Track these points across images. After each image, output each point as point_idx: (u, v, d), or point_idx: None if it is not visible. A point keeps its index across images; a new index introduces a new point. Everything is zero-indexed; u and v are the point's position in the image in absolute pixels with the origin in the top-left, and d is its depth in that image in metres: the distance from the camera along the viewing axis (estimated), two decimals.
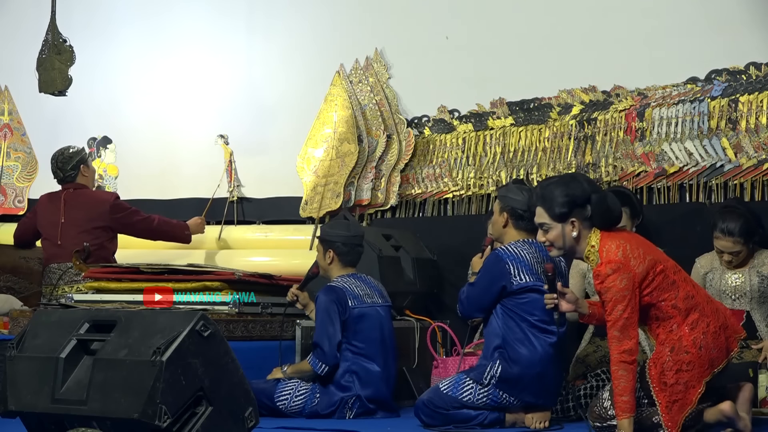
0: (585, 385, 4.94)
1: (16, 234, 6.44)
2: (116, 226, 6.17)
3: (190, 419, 3.30)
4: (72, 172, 6.19)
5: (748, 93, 5.81)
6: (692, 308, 3.92)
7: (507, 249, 4.71)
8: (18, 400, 3.46)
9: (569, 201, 3.94)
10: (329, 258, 5.19)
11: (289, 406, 5.03)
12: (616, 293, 3.85)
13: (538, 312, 4.63)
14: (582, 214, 3.95)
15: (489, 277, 4.68)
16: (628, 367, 3.83)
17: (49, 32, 6.36)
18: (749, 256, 5.00)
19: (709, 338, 3.89)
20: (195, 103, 7.41)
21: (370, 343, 5.07)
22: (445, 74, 6.74)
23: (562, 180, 4.04)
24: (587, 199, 3.95)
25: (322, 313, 5.04)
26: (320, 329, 5.04)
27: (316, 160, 6.87)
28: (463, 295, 4.78)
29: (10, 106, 7.70)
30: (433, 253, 6.30)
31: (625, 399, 3.81)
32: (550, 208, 3.98)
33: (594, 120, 6.19)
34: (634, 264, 3.88)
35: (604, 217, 3.97)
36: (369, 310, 5.12)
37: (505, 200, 4.79)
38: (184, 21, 7.51)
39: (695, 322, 3.90)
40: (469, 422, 4.61)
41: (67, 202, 6.12)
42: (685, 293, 3.93)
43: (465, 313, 4.80)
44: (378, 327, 5.12)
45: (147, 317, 3.45)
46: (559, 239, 4.00)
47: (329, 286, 5.13)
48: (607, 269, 3.87)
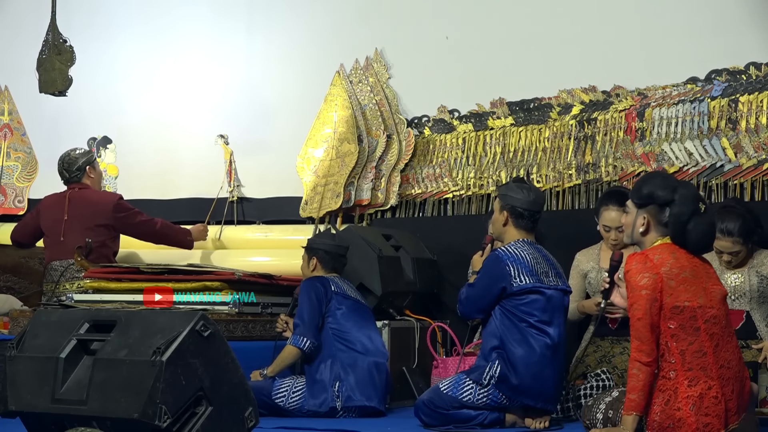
0: (585, 385, 4.95)
1: (14, 232, 6.43)
2: (118, 225, 6.18)
3: (190, 419, 3.30)
4: (78, 173, 6.22)
5: (748, 93, 5.81)
6: (696, 365, 3.72)
7: (507, 250, 4.70)
8: (18, 400, 3.46)
9: (649, 194, 3.84)
10: (312, 265, 5.31)
11: (288, 402, 5.05)
12: (634, 288, 3.73)
13: (537, 313, 4.64)
14: (657, 215, 3.84)
15: (489, 278, 4.68)
16: (642, 368, 3.73)
17: (49, 32, 6.36)
18: (748, 256, 4.99)
19: (706, 402, 3.69)
20: (195, 103, 7.41)
21: (354, 328, 5.16)
22: (445, 74, 6.74)
23: (662, 176, 3.94)
24: (667, 202, 3.81)
25: (303, 297, 5.15)
26: (300, 310, 5.13)
27: (316, 160, 6.87)
28: (462, 295, 4.78)
29: (10, 106, 7.70)
30: (433, 253, 6.30)
31: (633, 397, 3.74)
32: (636, 189, 3.90)
33: (594, 120, 6.19)
34: (666, 275, 3.73)
35: (678, 232, 3.80)
36: (353, 302, 5.23)
37: (506, 198, 4.80)
38: (184, 21, 7.51)
39: (695, 379, 3.72)
40: (469, 422, 4.61)
41: (71, 200, 6.15)
42: (699, 347, 3.72)
43: (464, 313, 4.81)
44: (361, 319, 5.22)
45: (147, 317, 3.45)
46: (629, 226, 3.92)
47: (311, 277, 5.25)
48: (635, 260, 3.76)
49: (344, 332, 5.14)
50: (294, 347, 5.10)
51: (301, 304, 5.15)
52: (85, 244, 5.97)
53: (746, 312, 4.97)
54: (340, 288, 5.24)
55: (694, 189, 3.91)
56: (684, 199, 3.80)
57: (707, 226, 3.83)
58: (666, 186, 3.83)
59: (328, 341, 5.12)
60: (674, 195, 3.80)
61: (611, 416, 4.09)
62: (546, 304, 4.67)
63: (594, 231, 5.40)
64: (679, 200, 3.80)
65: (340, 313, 5.16)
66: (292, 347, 5.10)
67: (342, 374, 5.05)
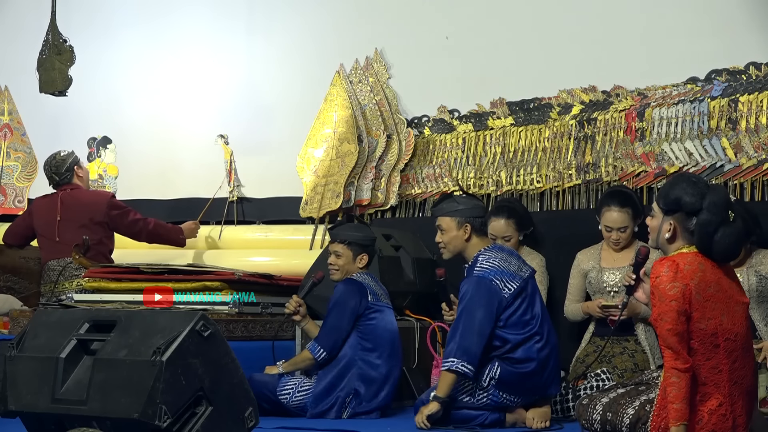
0: (585, 385, 4.94)
1: (7, 232, 6.43)
2: (112, 223, 6.20)
3: (190, 419, 3.30)
4: (67, 174, 6.24)
5: (748, 93, 5.80)
6: (710, 381, 3.61)
7: (482, 266, 4.63)
8: (18, 400, 3.46)
9: (676, 200, 3.65)
10: (363, 261, 5.17)
11: (291, 401, 5.03)
12: (663, 298, 3.55)
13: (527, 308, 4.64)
14: (684, 222, 3.65)
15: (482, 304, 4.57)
16: (681, 375, 3.55)
17: (49, 32, 6.37)
18: (747, 255, 5.00)
19: (714, 419, 3.60)
20: (195, 103, 7.41)
21: (380, 342, 5.06)
22: (445, 74, 6.74)
23: (691, 180, 3.71)
24: (695, 211, 3.62)
25: (339, 303, 5.04)
26: (331, 317, 5.04)
27: (316, 160, 6.87)
28: (455, 340, 4.54)
29: (10, 106, 7.70)
30: (433, 253, 6.30)
31: (677, 407, 3.54)
32: (664, 194, 3.71)
33: (594, 120, 6.19)
34: (695, 288, 3.58)
35: (704, 242, 3.62)
36: (384, 309, 5.14)
37: (462, 212, 4.73)
38: (184, 21, 7.51)
39: (707, 395, 3.61)
40: (470, 422, 4.61)
41: (63, 201, 6.16)
42: (716, 363, 3.62)
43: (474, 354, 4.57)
44: (390, 327, 5.13)
45: (147, 317, 3.45)
46: (654, 230, 3.74)
47: (351, 278, 5.12)
48: (665, 267, 3.58)
49: (370, 348, 5.04)
50: (310, 354, 5.05)
51: (333, 307, 5.05)
52: (82, 242, 5.97)
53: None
54: (375, 295, 5.11)
55: (724, 195, 3.70)
56: (712, 207, 3.61)
57: (734, 235, 3.64)
58: (695, 192, 3.63)
59: (352, 352, 5.04)
60: (703, 202, 3.62)
61: (610, 418, 4.07)
62: (529, 296, 4.67)
63: (594, 231, 5.40)
64: (707, 208, 3.61)
65: (371, 327, 5.05)
66: (308, 353, 5.05)
67: (357, 388, 5.00)
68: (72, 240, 5.99)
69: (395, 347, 5.13)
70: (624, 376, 5.00)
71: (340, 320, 5.02)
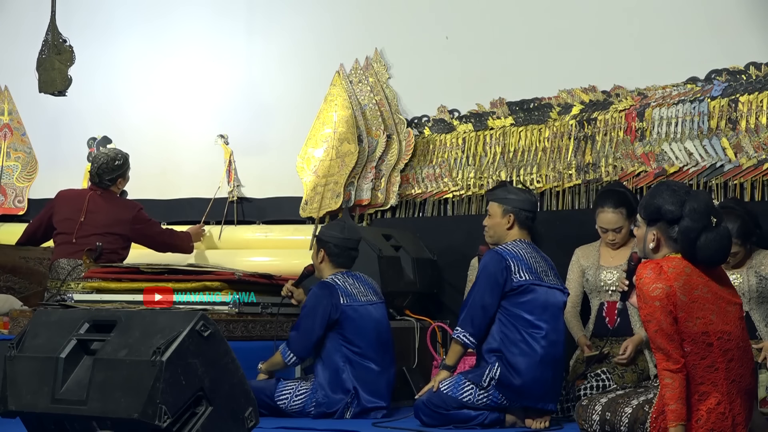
0: (585, 385, 4.95)
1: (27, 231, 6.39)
2: (135, 236, 6.19)
3: (190, 419, 3.30)
4: (109, 183, 6.19)
5: (748, 93, 5.81)
6: (707, 380, 3.62)
7: (506, 247, 4.73)
8: (18, 400, 3.46)
9: (656, 210, 3.66)
10: (320, 257, 5.21)
11: (290, 405, 5.03)
12: (647, 300, 3.56)
13: (536, 312, 4.64)
14: (667, 230, 3.66)
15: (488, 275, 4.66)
16: (674, 375, 3.56)
17: (49, 32, 6.36)
18: (747, 256, 5.00)
19: (713, 417, 3.60)
20: (195, 103, 7.41)
21: (366, 342, 5.06)
22: (445, 74, 6.74)
23: (671, 189, 3.70)
24: (676, 219, 3.62)
25: (308, 306, 5.07)
26: (300, 320, 5.07)
27: (316, 160, 6.87)
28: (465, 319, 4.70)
29: (10, 106, 7.70)
30: (433, 253, 6.30)
31: (673, 407, 3.55)
32: (645, 205, 3.73)
33: (594, 120, 6.19)
34: (680, 289, 3.57)
35: (688, 248, 3.61)
36: (362, 308, 5.12)
37: (509, 201, 4.80)
38: (184, 22, 7.51)
39: (705, 394, 3.62)
40: (469, 422, 4.61)
41: (90, 202, 6.13)
42: (711, 362, 3.61)
43: (473, 334, 4.70)
44: (374, 326, 5.12)
45: (147, 317, 3.45)
46: (640, 241, 3.76)
47: (323, 281, 5.15)
48: (648, 269, 3.59)
49: (358, 348, 5.04)
50: (281, 358, 5.09)
51: (303, 311, 5.08)
52: (95, 247, 5.96)
53: (745, 312, 4.97)
54: (350, 296, 5.10)
55: (706, 200, 3.69)
56: (693, 214, 3.61)
57: (718, 241, 3.63)
58: (674, 201, 3.64)
59: (341, 354, 5.04)
60: (683, 210, 3.63)
61: (609, 418, 4.08)
62: (545, 302, 4.67)
63: (594, 231, 5.41)
64: (688, 215, 3.62)
65: (352, 327, 5.05)
66: (280, 357, 5.09)
67: (357, 387, 5.00)
68: (88, 244, 5.97)
69: (383, 341, 5.14)
70: (624, 376, 5.01)
71: (312, 324, 5.02)
